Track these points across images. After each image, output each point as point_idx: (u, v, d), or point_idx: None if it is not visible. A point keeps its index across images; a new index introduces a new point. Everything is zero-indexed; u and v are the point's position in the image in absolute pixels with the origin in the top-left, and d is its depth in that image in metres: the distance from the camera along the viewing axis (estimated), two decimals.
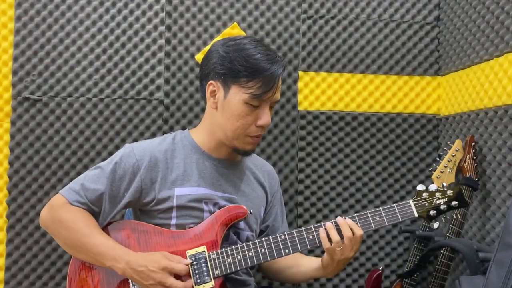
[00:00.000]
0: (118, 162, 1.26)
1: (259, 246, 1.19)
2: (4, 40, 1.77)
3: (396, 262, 1.88)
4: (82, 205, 1.22)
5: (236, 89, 1.22)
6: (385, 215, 1.18)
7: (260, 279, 1.78)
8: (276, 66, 1.22)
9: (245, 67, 1.21)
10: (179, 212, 1.25)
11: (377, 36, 1.90)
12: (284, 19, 1.86)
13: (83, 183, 1.23)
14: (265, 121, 1.23)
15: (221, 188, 1.31)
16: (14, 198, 1.74)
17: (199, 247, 1.19)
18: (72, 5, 1.79)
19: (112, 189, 1.24)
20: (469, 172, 1.57)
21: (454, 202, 1.18)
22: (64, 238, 1.21)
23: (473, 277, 1.25)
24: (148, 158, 1.26)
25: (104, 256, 1.16)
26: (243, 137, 1.25)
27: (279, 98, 1.29)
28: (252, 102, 1.21)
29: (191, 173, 1.28)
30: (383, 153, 1.89)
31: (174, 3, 1.82)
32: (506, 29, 1.50)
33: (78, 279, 1.20)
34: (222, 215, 1.24)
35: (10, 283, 1.73)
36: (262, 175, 1.44)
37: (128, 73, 1.80)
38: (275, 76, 1.21)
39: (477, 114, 1.64)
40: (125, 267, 1.13)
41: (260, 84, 1.20)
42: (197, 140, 1.33)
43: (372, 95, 1.89)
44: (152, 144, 1.31)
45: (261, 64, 1.21)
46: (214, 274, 1.17)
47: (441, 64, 1.90)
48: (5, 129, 1.76)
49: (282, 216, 1.50)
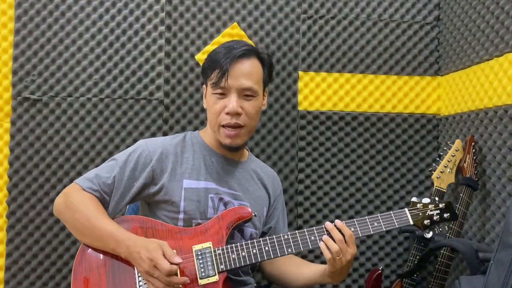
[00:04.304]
0: (132, 154, 1.31)
1: (263, 244, 1.23)
2: (4, 40, 1.77)
3: (396, 262, 1.88)
4: (95, 192, 1.26)
5: (208, 85, 1.34)
6: (382, 221, 1.23)
7: (260, 279, 1.78)
8: (232, 50, 1.29)
9: (208, 62, 1.33)
10: (186, 204, 1.29)
11: (377, 36, 1.90)
12: (284, 19, 1.86)
13: (97, 173, 1.29)
14: (230, 108, 1.27)
15: (227, 184, 1.36)
16: (14, 198, 1.74)
17: (205, 243, 1.23)
18: (72, 5, 1.79)
19: (124, 178, 1.28)
20: (469, 172, 1.57)
21: (446, 214, 1.25)
22: (74, 221, 1.24)
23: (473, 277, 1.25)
24: (160, 150, 1.32)
25: (108, 239, 1.19)
26: (218, 127, 1.31)
27: (250, 85, 1.28)
28: (215, 91, 1.29)
29: (199, 167, 1.34)
30: (383, 153, 1.89)
31: (174, 3, 1.82)
32: (506, 29, 1.50)
33: (84, 270, 1.22)
34: (229, 216, 1.27)
35: (10, 283, 1.73)
36: (266, 178, 1.47)
37: (128, 73, 1.80)
38: (229, 59, 1.27)
39: (477, 114, 1.64)
40: (125, 251, 1.17)
41: (217, 72, 1.28)
42: (205, 139, 1.40)
43: (372, 95, 1.89)
44: (164, 139, 1.38)
45: (218, 55, 1.30)
46: (218, 269, 1.20)
47: (441, 64, 1.90)
48: (5, 129, 1.76)
49: (284, 220, 1.53)
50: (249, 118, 1.30)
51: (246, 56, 1.30)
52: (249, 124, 1.32)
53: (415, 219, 1.23)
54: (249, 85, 1.28)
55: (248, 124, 1.31)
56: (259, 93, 1.33)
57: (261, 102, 1.36)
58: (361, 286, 1.86)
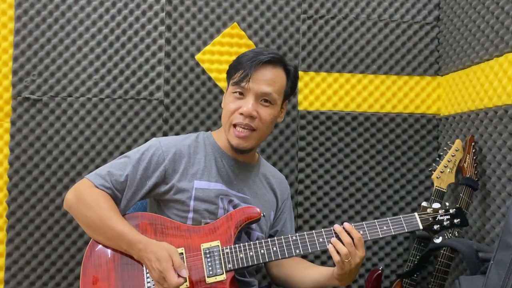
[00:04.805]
0: (145, 152, 1.31)
1: (271, 244, 1.23)
2: (4, 40, 1.77)
3: (396, 262, 1.88)
4: (107, 189, 1.26)
5: (230, 84, 1.34)
6: (392, 225, 1.23)
7: (260, 279, 1.78)
8: (260, 55, 1.29)
9: (234, 63, 1.35)
10: (196, 204, 1.29)
11: (377, 36, 1.90)
12: (284, 19, 1.86)
13: (110, 170, 1.28)
14: (245, 109, 1.27)
15: (236, 187, 1.36)
16: (14, 198, 1.74)
17: (213, 241, 1.24)
18: (72, 5, 1.79)
19: (136, 176, 1.28)
20: (469, 172, 1.57)
21: (457, 220, 1.24)
22: (87, 219, 1.24)
23: (473, 277, 1.25)
24: (174, 150, 1.33)
25: (121, 240, 1.20)
26: (229, 126, 1.31)
27: (269, 91, 1.28)
28: (235, 90, 1.30)
29: (211, 169, 1.34)
30: (383, 153, 1.89)
31: (174, 3, 1.82)
32: (506, 29, 1.50)
33: (93, 265, 1.22)
34: (237, 215, 1.28)
35: (10, 283, 1.73)
36: (275, 181, 1.48)
37: (128, 73, 1.80)
38: (254, 62, 1.27)
39: (477, 114, 1.64)
40: (137, 255, 1.19)
41: (240, 72, 1.29)
42: (217, 140, 1.40)
43: (372, 95, 1.89)
44: (177, 139, 1.39)
45: (245, 57, 1.31)
46: (226, 268, 1.20)
47: (441, 64, 1.90)
48: (5, 129, 1.76)
49: (291, 223, 1.53)
50: (262, 124, 1.30)
51: (272, 64, 1.30)
52: (262, 130, 1.31)
53: (424, 224, 1.22)
54: (268, 91, 1.28)
55: (260, 129, 1.30)
56: (277, 102, 1.32)
57: (278, 112, 1.35)
58: (361, 286, 1.86)
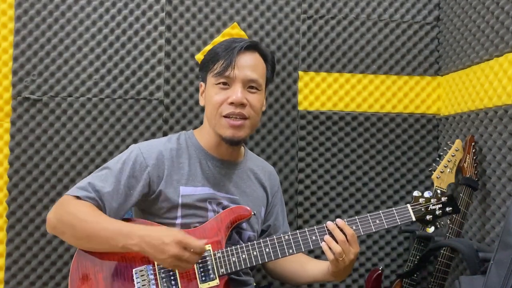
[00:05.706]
0: (126, 161, 1.26)
1: (264, 245, 1.21)
2: (4, 40, 1.77)
3: (396, 262, 1.88)
4: (91, 200, 1.20)
5: (209, 78, 1.30)
6: (384, 218, 1.21)
7: (260, 279, 1.78)
8: (236, 43, 1.28)
9: (209, 55, 1.31)
10: (184, 211, 1.26)
11: (377, 36, 1.90)
12: (284, 19, 1.86)
13: (91, 182, 1.22)
14: (235, 97, 1.24)
15: (224, 189, 1.33)
16: (14, 198, 1.74)
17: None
18: (72, 5, 1.79)
19: (120, 188, 1.23)
20: (469, 172, 1.57)
21: (448, 208, 1.23)
22: (74, 231, 1.18)
23: (473, 277, 1.25)
24: (155, 156, 1.28)
25: (116, 237, 1.14)
26: (219, 118, 1.26)
27: (255, 77, 1.27)
28: (219, 81, 1.26)
29: (196, 173, 1.30)
30: (383, 153, 1.89)
31: (174, 3, 1.82)
32: (506, 29, 1.50)
33: (81, 277, 1.19)
34: (227, 216, 1.26)
35: (10, 283, 1.73)
36: (263, 175, 1.45)
37: (128, 73, 1.80)
38: (233, 50, 1.26)
39: (477, 114, 1.64)
40: (139, 242, 1.12)
41: (221, 62, 1.26)
42: (200, 140, 1.35)
43: (372, 95, 1.89)
44: (158, 143, 1.33)
45: (221, 47, 1.29)
46: (219, 273, 1.18)
47: (441, 64, 1.90)
48: (5, 129, 1.76)
49: (283, 215, 1.51)
50: (253, 111, 1.28)
51: (250, 50, 1.29)
52: (253, 118, 1.29)
53: (417, 215, 1.22)
54: (254, 77, 1.27)
55: (252, 117, 1.28)
56: (262, 88, 1.31)
57: (264, 98, 1.34)
58: (361, 286, 1.86)
